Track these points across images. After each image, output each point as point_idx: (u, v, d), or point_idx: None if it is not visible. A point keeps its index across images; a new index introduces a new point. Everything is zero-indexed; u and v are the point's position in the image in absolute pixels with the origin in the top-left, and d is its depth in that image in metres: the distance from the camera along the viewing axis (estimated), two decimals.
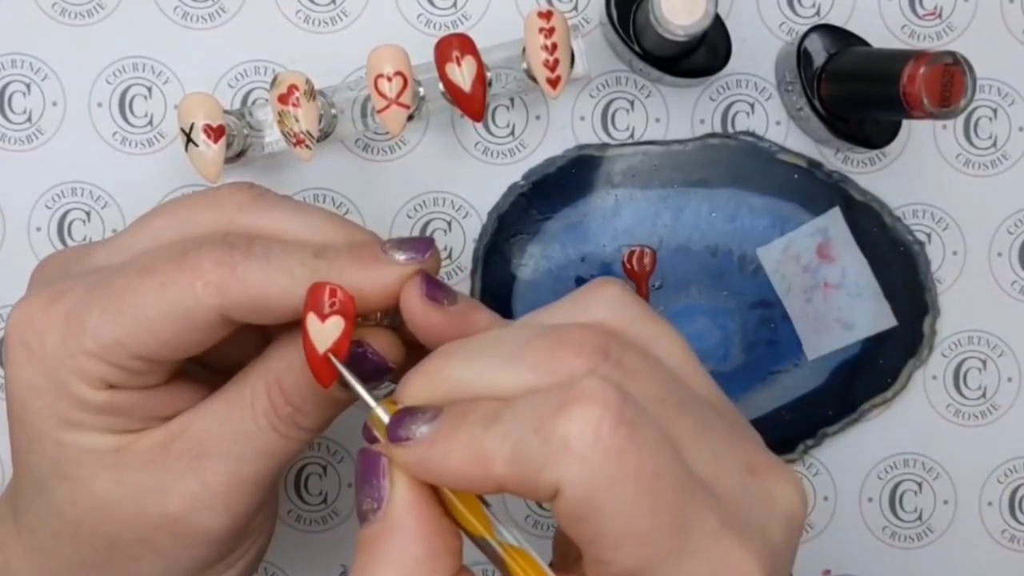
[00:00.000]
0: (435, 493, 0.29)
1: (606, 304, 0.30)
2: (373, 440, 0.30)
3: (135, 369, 0.32)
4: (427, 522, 0.28)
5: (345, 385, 0.31)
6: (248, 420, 0.33)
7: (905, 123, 0.46)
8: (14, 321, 0.33)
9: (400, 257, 0.32)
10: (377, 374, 0.33)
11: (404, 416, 0.28)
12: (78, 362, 0.32)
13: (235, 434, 0.33)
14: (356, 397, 0.31)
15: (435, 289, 0.32)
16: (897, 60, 0.39)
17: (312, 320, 0.30)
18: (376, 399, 0.30)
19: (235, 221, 0.33)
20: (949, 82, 0.39)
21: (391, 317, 0.35)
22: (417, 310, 0.32)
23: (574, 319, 0.29)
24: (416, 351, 0.35)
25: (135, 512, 0.33)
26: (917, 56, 0.39)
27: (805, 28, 0.46)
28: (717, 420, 0.29)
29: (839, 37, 0.45)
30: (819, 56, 0.45)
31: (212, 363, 0.36)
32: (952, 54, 0.38)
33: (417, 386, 0.29)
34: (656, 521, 0.26)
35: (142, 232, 0.34)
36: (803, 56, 0.45)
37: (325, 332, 0.30)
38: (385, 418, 0.29)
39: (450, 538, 0.29)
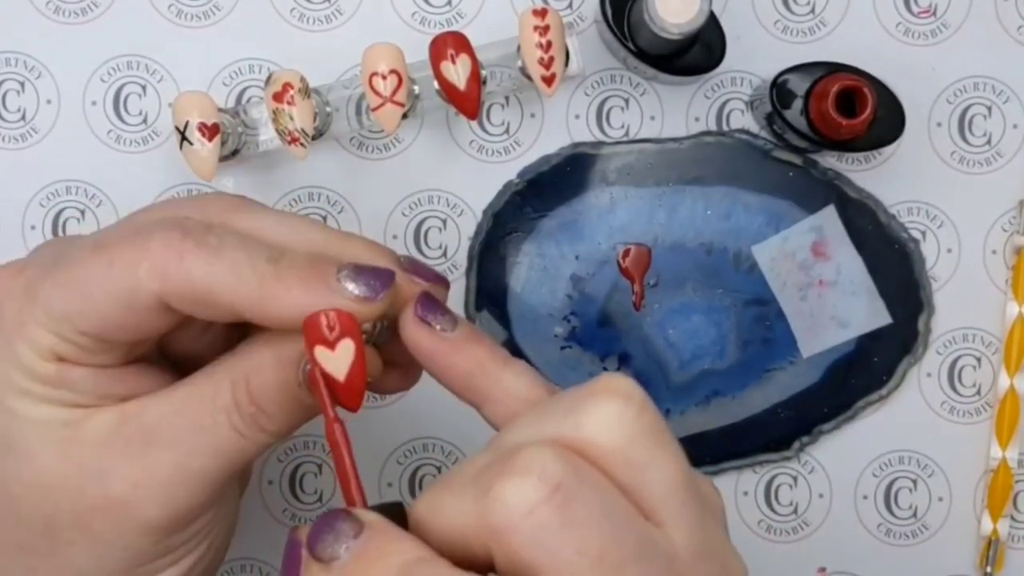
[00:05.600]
0: None
1: (601, 418, 0.27)
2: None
3: (83, 345, 0.32)
4: None
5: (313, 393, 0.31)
6: (206, 414, 0.32)
7: None
8: None
9: (351, 290, 0.31)
10: None
11: (323, 528, 0.28)
12: (28, 331, 0.32)
13: (190, 426, 0.32)
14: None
15: (430, 312, 0.31)
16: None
17: (321, 352, 0.30)
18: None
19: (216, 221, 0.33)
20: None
21: (380, 334, 0.34)
22: (407, 330, 0.31)
23: (562, 430, 0.27)
24: (404, 370, 0.35)
25: (76, 491, 0.32)
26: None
27: (800, 27, 0.46)
28: None
29: (807, 73, 0.45)
30: (799, 90, 0.44)
31: (184, 359, 0.35)
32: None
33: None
34: None
35: (125, 223, 0.34)
36: (778, 99, 0.44)
37: (339, 359, 0.30)
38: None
39: None
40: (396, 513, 0.29)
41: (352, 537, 0.27)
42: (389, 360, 0.35)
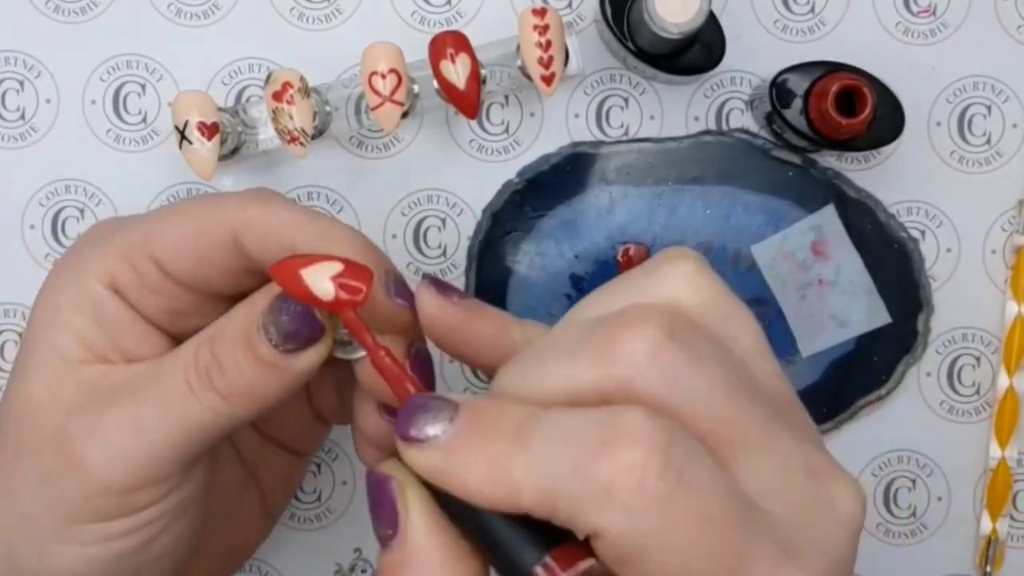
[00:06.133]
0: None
1: (678, 279, 0.27)
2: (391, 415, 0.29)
3: (146, 276, 0.33)
4: (448, 548, 0.27)
5: (278, 348, 0.31)
6: (167, 367, 0.32)
7: None
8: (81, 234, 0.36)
9: (387, 285, 0.33)
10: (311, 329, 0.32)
11: (415, 409, 0.26)
12: (103, 248, 0.34)
13: (150, 378, 0.33)
14: (289, 375, 0.32)
15: (442, 288, 0.32)
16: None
17: (318, 267, 0.30)
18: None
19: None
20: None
21: (342, 347, 0.34)
22: (432, 305, 0.31)
23: (642, 296, 0.27)
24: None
25: (43, 419, 0.33)
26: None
27: (800, 26, 0.46)
28: (781, 418, 0.27)
29: (806, 73, 0.45)
30: (799, 89, 0.44)
31: None
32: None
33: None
34: (710, 563, 0.24)
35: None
36: (778, 98, 0.44)
37: (320, 275, 0.29)
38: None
39: (473, 561, 0.27)
40: None
41: (450, 414, 0.26)
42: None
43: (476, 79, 0.42)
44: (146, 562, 0.34)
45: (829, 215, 0.46)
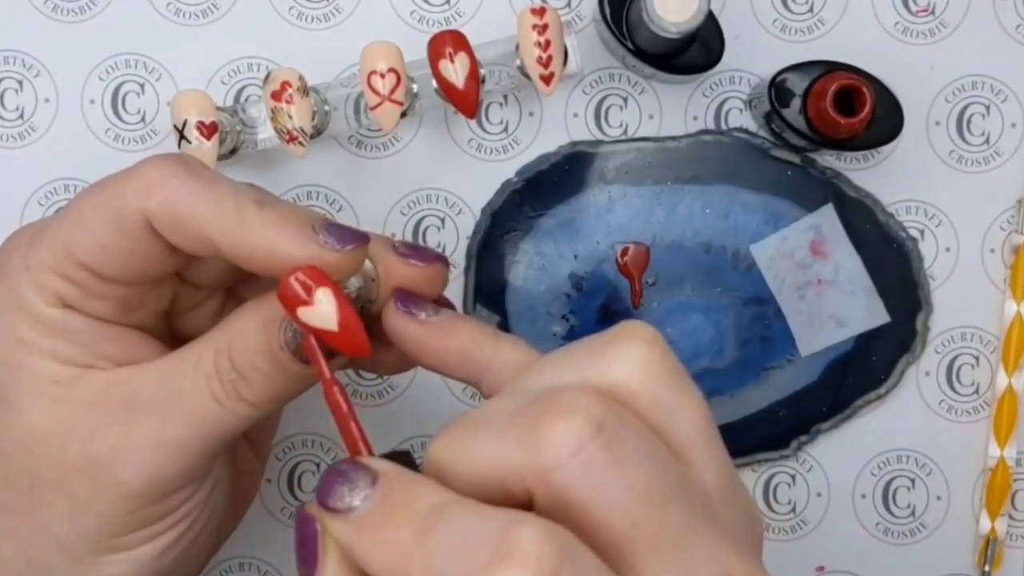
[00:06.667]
0: None
1: (628, 361, 0.27)
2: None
3: (84, 284, 0.32)
4: None
5: (305, 361, 0.31)
6: (187, 381, 0.32)
7: None
8: (2, 244, 0.35)
9: (321, 239, 0.31)
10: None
11: (334, 477, 0.27)
12: (33, 274, 0.32)
13: (170, 392, 0.32)
14: (312, 375, 0.31)
15: (411, 303, 0.33)
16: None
17: (304, 312, 0.30)
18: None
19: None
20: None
21: (359, 298, 0.34)
22: (392, 323, 0.32)
23: (590, 373, 0.27)
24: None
25: (59, 449, 0.32)
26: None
27: (798, 26, 0.46)
28: (704, 519, 0.26)
29: (805, 73, 0.45)
30: (798, 88, 0.44)
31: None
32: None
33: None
34: None
35: None
36: (777, 98, 0.44)
37: (322, 311, 0.30)
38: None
39: None
40: (405, 461, 0.28)
41: (368, 486, 0.26)
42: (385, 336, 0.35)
43: (475, 78, 0.42)
44: (189, 543, 0.35)
45: (828, 214, 0.46)
